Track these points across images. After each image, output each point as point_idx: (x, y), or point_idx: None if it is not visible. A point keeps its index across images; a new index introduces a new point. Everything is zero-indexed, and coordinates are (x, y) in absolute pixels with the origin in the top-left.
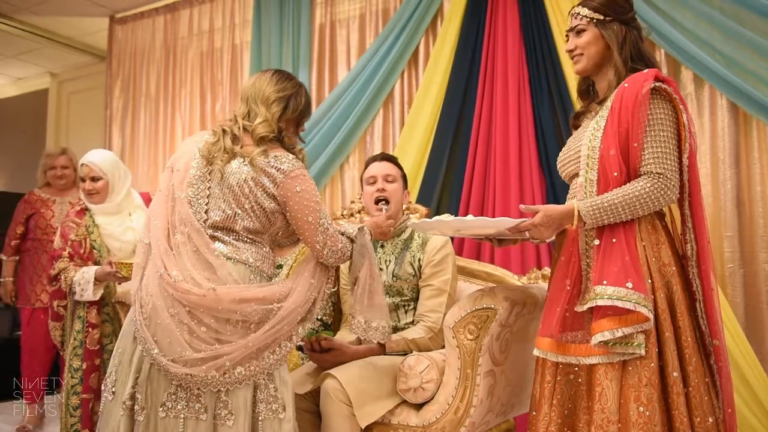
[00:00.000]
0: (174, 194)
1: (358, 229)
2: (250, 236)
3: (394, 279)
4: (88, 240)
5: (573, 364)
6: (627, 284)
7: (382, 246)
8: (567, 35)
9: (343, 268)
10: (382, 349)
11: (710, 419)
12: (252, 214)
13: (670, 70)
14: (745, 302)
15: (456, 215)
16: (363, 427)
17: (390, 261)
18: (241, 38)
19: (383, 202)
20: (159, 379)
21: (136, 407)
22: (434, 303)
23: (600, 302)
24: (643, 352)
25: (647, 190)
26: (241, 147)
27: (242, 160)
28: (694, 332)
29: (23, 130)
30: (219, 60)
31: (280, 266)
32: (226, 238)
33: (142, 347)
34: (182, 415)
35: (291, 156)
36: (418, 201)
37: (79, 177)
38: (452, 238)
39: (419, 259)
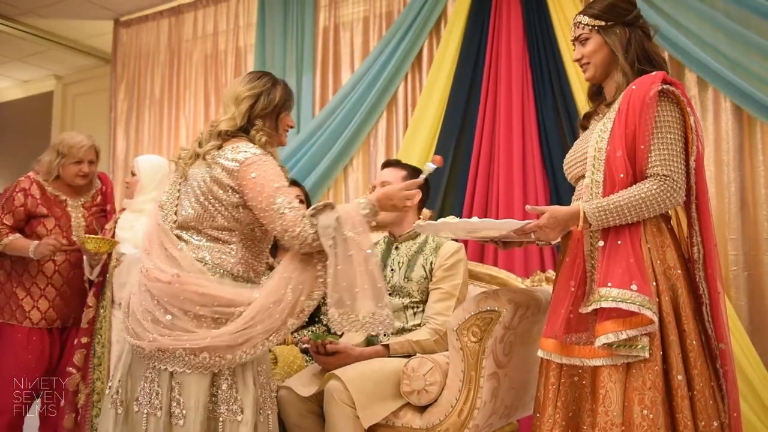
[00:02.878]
0: (156, 200)
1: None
2: (217, 234)
3: (405, 281)
4: (113, 230)
5: (577, 366)
6: (631, 286)
7: (397, 248)
8: (573, 44)
9: None
10: (386, 351)
11: (715, 423)
12: (213, 210)
13: (674, 72)
14: (749, 305)
15: (460, 218)
16: (366, 428)
17: (403, 263)
18: (245, 41)
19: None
20: (137, 373)
21: (118, 401)
22: (442, 306)
23: (604, 304)
24: (647, 354)
25: (653, 192)
26: (203, 147)
27: (201, 159)
28: (699, 336)
29: (28, 133)
30: (223, 63)
31: None
32: (190, 238)
33: (128, 338)
34: (145, 411)
35: (250, 145)
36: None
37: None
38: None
39: (431, 262)
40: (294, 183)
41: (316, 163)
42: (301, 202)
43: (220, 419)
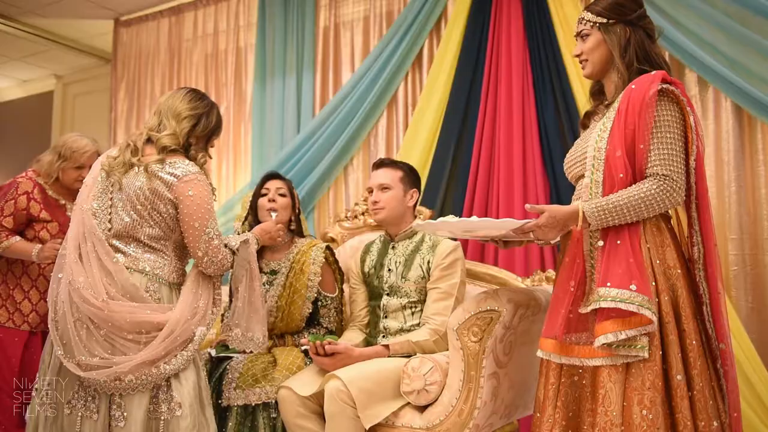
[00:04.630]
0: (82, 207)
1: (242, 242)
2: (153, 243)
3: (403, 280)
4: None
5: (577, 366)
6: (631, 286)
7: (393, 247)
8: (576, 40)
9: (354, 267)
10: (387, 351)
11: (715, 423)
12: (151, 220)
13: (674, 72)
14: (749, 305)
15: (460, 217)
16: (367, 429)
17: (400, 262)
18: (246, 41)
19: (273, 210)
20: (67, 378)
21: (47, 402)
22: (440, 306)
23: (603, 304)
24: (646, 354)
25: (653, 191)
26: (140, 158)
27: (138, 169)
28: (699, 336)
29: (28, 133)
30: (223, 62)
31: (274, 272)
32: (127, 249)
33: (55, 348)
34: (80, 414)
35: (188, 162)
36: (423, 203)
37: None
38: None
39: (428, 261)
40: (277, 176)
41: (316, 163)
42: (282, 195)
43: (162, 418)
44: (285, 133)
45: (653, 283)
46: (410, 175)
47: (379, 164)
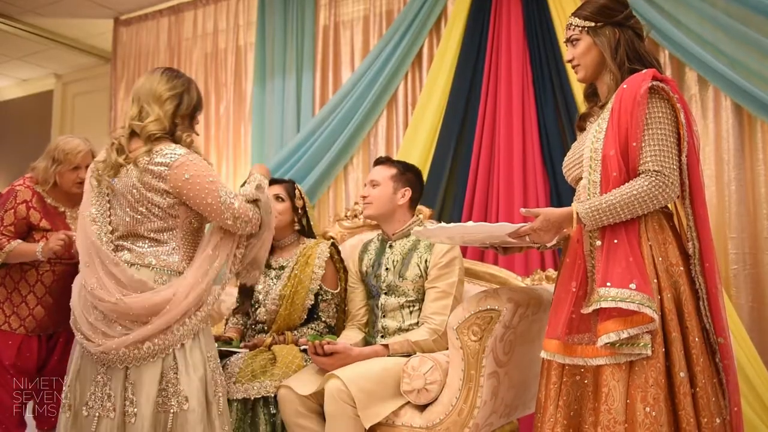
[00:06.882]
0: (83, 214)
1: (256, 187)
2: (157, 236)
3: (401, 279)
4: None
5: (579, 366)
6: (630, 285)
7: (391, 246)
8: (566, 46)
9: (352, 266)
10: (386, 351)
11: (718, 420)
12: (150, 215)
13: (675, 71)
14: (750, 304)
15: (459, 218)
16: (367, 428)
17: (397, 261)
18: (246, 40)
19: None
20: (86, 378)
21: (66, 405)
22: (439, 305)
23: (604, 304)
24: (649, 352)
25: (645, 188)
26: (127, 155)
27: (127, 168)
28: (701, 332)
29: (28, 132)
30: (223, 61)
31: (282, 267)
32: (133, 246)
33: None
34: (97, 414)
35: (173, 146)
36: (422, 202)
37: None
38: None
39: (426, 260)
40: (274, 181)
41: (316, 162)
42: (279, 200)
43: (171, 411)
44: (285, 132)
45: (655, 281)
46: (405, 174)
47: (377, 162)
